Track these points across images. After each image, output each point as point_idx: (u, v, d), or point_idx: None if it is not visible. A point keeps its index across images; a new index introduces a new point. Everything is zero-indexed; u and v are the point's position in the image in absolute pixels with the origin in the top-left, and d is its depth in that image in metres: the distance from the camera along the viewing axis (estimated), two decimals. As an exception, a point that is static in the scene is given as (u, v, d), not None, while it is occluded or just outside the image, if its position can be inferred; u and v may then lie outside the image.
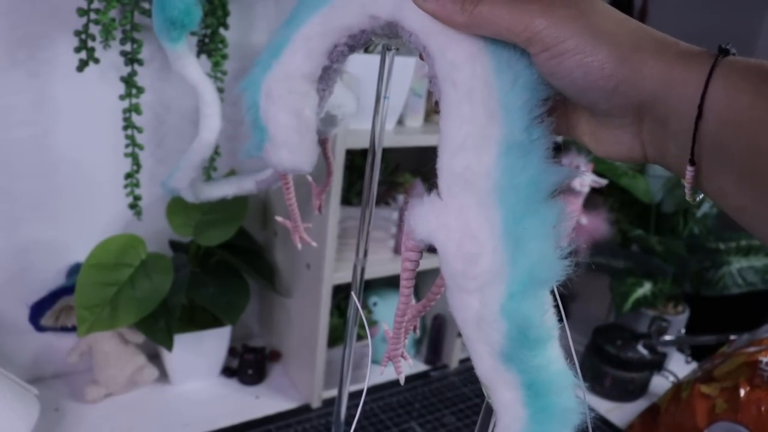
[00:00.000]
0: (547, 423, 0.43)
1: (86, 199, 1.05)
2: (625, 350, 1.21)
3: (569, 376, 0.44)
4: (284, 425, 1.07)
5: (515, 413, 0.44)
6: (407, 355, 0.60)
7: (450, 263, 0.45)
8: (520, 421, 0.43)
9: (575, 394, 0.44)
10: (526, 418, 0.43)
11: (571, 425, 0.43)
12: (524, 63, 0.42)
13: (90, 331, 0.94)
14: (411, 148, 1.16)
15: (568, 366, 0.45)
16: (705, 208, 1.25)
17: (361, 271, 0.66)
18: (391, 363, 0.60)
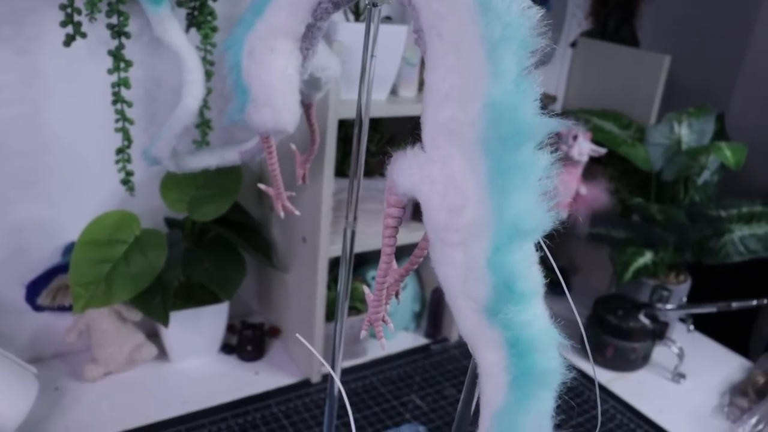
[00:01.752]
0: (529, 386, 0.42)
1: (79, 177, 1.04)
2: (627, 320, 1.20)
3: (554, 334, 0.43)
4: (284, 400, 1.07)
5: (497, 380, 0.43)
6: (389, 319, 0.59)
7: (433, 216, 0.44)
8: (502, 389, 0.43)
9: (559, 354, 0.43)
10: (507, 386, 0.43)
11: (553, 387, 0.43)
12: (513, 14, 0.41)
13: (85, 308, 0.93)
14: (406, 119, 1.14)
15: (552, 325, 0.44)
16: (706, 176, 1.23)
17: (351, 234, 0.65)
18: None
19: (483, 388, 0.44)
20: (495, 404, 0.43)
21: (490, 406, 0.43)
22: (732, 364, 1.31)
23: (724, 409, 1.15)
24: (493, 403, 0.43)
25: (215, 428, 1.00)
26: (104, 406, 1.03)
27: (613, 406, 1.15)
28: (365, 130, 0.63)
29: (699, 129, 1.21)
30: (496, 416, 0.42)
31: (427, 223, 0.45)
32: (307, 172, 0.79)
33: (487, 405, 0.43)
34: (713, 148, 1.14)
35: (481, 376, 0.45)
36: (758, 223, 1.25)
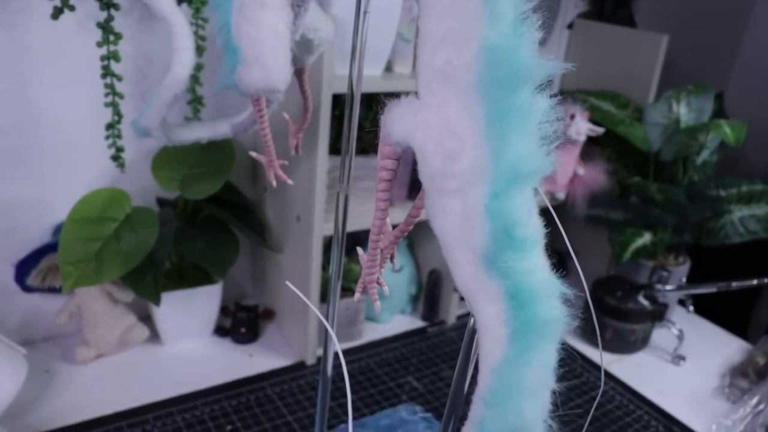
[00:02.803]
0: (530, 337, 0.40)
1: (70, 155, 1.02)
2: (626, 301, 1.19)
3: (556, 284, 0.41)
4: (278, 382, 1.05)
5: (496, 334, 0.41)
6: (383, 281, 0.57)
7: (429, 163, 0.43)
8: (501, 343, 0.41)
9: (561, 305, 0.41)
10: (506, 339, 0.41)
11: (555, 338, 0.41)
12: None
13: (75, 287, 0.91)
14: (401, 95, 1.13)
15: (554, 275, 0.42)
16: (704, 156, 1.22)
17: (345, 199, 0.64)
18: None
19: (481, 344, 0.43)
20: (494, 358, 0.41)
21: (489, 361, 0.41)
22: (732, 346, 1.30)
23: (725, 390, 1.14)
24: (492, 357, 0.41)
25: (208, 409, 0.98)
26: (95, 389, 1.01)
27: (612, 388, 1.13)
28: (358, 94, 0.61)
29: (698, 108, 1.20)
30: (495, 370, 0.40)
31: (422, 172, 0.44)
32: (300, 142, 0.77)
33: (486, 360, 0.42)
34: (712, 126, 1.13)
35: (480, 331, 0.43)
36: (758, 203, 1.23)
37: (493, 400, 0.40)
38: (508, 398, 0.39)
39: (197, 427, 0.95)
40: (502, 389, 0.40)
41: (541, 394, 0.40)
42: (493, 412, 0.40)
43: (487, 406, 0.40)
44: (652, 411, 1.09)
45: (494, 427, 0.40)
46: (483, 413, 0.40)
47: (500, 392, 0.40)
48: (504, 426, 0.39)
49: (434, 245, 1.25)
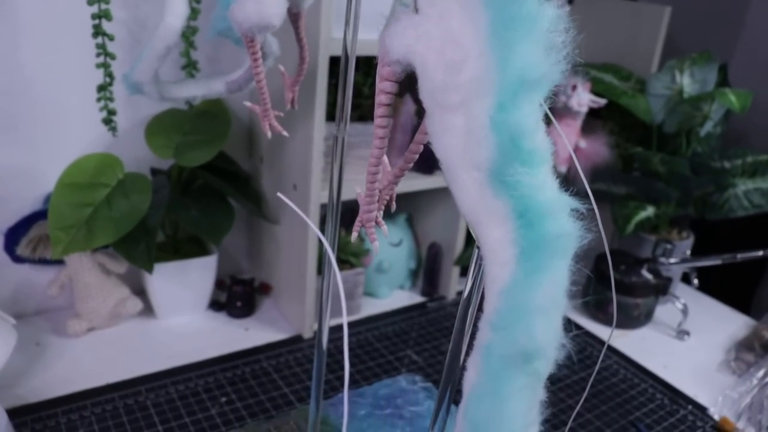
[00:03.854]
0: (540, 255, 0.38)
1: (61, 122, 1.00)
2: (629, 275, 1.17)
3: (566, 200, 0.39)
4: (274, 355, 1.03)
5: (502, 257, 0.39)
6: (382, 221, 0.55)
7: (430, 76, 0.41)
8: (508, 266, 0.38)
9: (573, 220, 0.39)
10: (514, 260, 0.38)
11: (567, 254, 0.38)
12: None
13: (65, 253, 0.89)
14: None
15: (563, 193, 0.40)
16: (708, 127, 1.19)
17: (342, 141, 0.61)
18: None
19: (487, 269, 0.40)
20: (501, 281, 0.38)
21: (496, 285, 0.39)
22: (736, 322, 1.28)
23: (731, 364, 1.12)
24: (499, 280, 0.38)
25: (202, 381, 0.96)
26: (87, 361, 0.98)
27: (616, 362, 1.11)
28: (356, 32, 0.59)
29: (701, 78, 1.17)
30: (503, 293, 0.38)
31: (423, 88, 0.41)
32: (296, 95, 0.75)
33: (492, 285, 0.39)
34: (717, 94, 1.11)
35: (485, 258, 0.40)
36: (762, 176, 1.21)
37: (500, 323, 0.37)
38: (517, 320, 0.37)
39: (191, 399, 0.92)
40: (510, 311, 0.37)
41: (553, 315, 0.37)
42: (500, 336, 0.37)
43: (495, 330, 0.38)
44: (657, 384, 1.06)
45: (502, 350, 0.37)
46: (490, 338, 0.38)
47: (508, 314, 0.37)
48: (513, 349, 0.37)
49: (434, 218, 1.23)
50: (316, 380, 0.75)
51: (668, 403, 1.02)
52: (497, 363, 0.37)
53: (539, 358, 0.37)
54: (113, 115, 0.93)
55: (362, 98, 1.05)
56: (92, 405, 0.89)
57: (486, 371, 0.38)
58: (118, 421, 0.87)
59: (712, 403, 1.03)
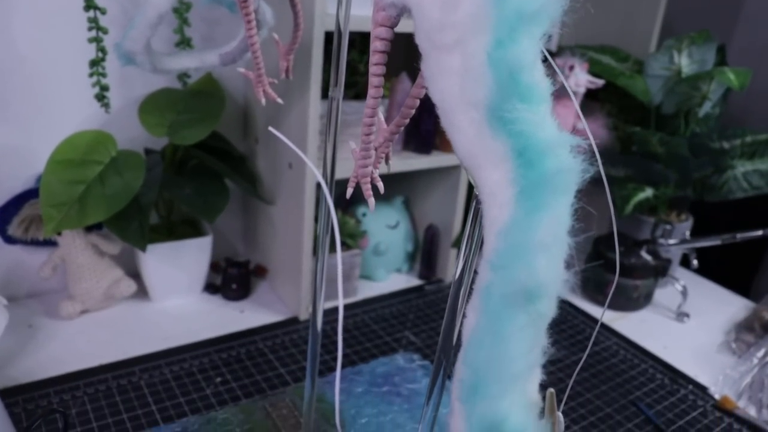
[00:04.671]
0: (541, 193, 0.36)
1: (53, 100, 0.99)
2: (628, 256, 1.16)
3: (567, 137, 0.38)
4: (270, 336, 1.02)
5: (501, 198, 0.37)
6: (378, 177, 0.54)
7: (426, 16, 0.39)
8: (507, 206, 0.37)
9: (574, 156, 0.38)
10: (513, 200, 0.37)
11: (569, 190, 0.37)
12: None
13: (57, 230, 0.88)
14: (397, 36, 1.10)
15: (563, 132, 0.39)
16: (707, 108, 1.18)
17: (337, 105, 0.60)
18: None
19: (486, 213, 0.39)
20: (500, 222, 0.37)
21: (495, 226, 0.37)
22: (736, 305, 1.27)
23: (731, 345, 1.11)
24: (499, 221, 0.37)
25: (197, 362, 0.95)
26: (80, 342, 0.97)
27: (615, 343, 1.10)
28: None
29: (700, 59, 1.17)
30: (502, 232, 0.37)
31: (419, 30, 0.40)
32: (291, 64, 0.74)
33: (491, 226, 0.38)
34: (716, 72, 1.10)
35: (484, 202, 0.39)
36: (761, 158, 1.21)
37: (500, 262, 0.36)
38: (517, 258, 0.36)
39: (185, 379, 0.91)
40: (509, 250, 0.36)
41: (555, 251, 0.36)
42: (500, 275, 0.36)
43: (494, 270, 0.37)
44: (657, 365, 1.05)
45: (503, 290, 0.36)
46: (489, 278, 0.37)
47: (508, 253, 0.36)
48: (514, 287, 0.35)
49: (431, 200, 1.22)
50: (311, 358, 0.74)
51: (668, 383, 1.01)
52: (497, 303, 0.36)
53: (541, 297, 0.36)
54: (106, 91, 0.92)
55: (358, 75, 1.04)
56: (85, 385, 0.88)
57: (486, 312, 0.37)
58: (111, 401, 0.86)
59: (713, 382, 1.02)
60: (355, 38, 1.07)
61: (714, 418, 0.94)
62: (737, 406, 0.96)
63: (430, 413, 0.55)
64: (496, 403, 0.36)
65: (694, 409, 0.96)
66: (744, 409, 0.96)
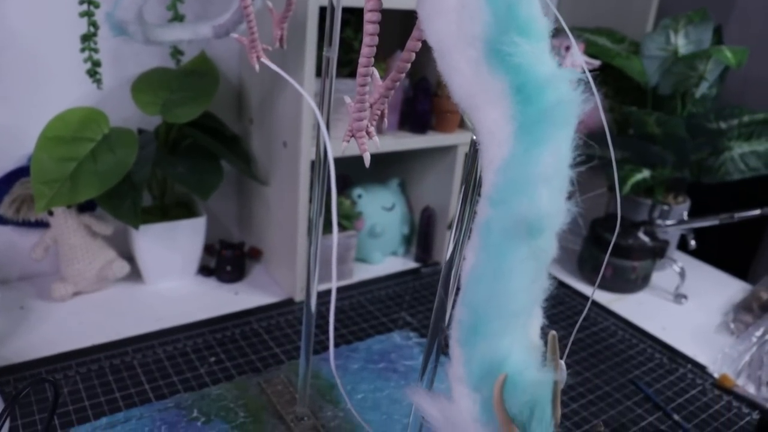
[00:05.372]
0: (540, 127, 0.36)
1: (45, 78, 0.97)
2: (626, 237, 1.15)
3: (567, 73, 0.37)
4: (265, 317, 1.01)
5: (500, 136, 0.37)
6: (373, 131, 0.53)
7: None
8: (506, 143, 0.36)
9: (573, 89, 0.37)
10: (512, 136, 0.36)
11: (569, 122, 0.36)
12: None
13: (49, 207, 0.87)
14: (392, 13, 1.09)
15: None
16: (704, 88, 1.18)
17: (334, 65, 0.59)
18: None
19: (485, 153, 0.38)
20: (500, 159, 0.36)
21: (494, 164, 0.37)
22: (734, 287, 1.27)
23: (729, 325, 1.10)
24: (498, 159, 0.36)
25: (191, 342, 0.93)
26: (72, 323, 0.96)
27: (613, 323, 1.09)
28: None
29: (696, 39, 1.16)
30: (501, 169, 0.36)
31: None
32: (285, 33, 0.73)
33: (490, 164, 0.37)
34: (713, 50, 1.09)
35: (482, 143, 0.38)
36: (758, 139, 1.20)
37: (499, 197, 0.35)
38: (517, 191, 0.34)
39: (179, 359, 0.90)
40: (509, 184, 0.35)
41: (557, 182, 0.34)
42: (500, 210, 0.35)
43: (493, 205, 0.36)
44: (655, 345, 1.05)
45: (502, 225, 0.35)
46: (488, 214, 0.36)
47: (508, 187, 0.35)
48: (514, 220, 0.34)
49: (427, 183, 1.21)
50: (306, 333, 0.73)
51: (667, 363, 1.00)
52: (497, 237, 0.35)
53: (542, 231, 0.34)
54: (98, 66, 0.91)
55: (353, 53, 1.03)
56: (77, 365, 0.87)
57: (485, 248, 0.36)
58: (103, 380, 0.84)
59: (711, 361, 1.01)
60: (350, 18, 1.06)
61: (713, 396, 0.94)
62: (736, 384, 0.95)
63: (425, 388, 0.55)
64: (497, 341, 0.35)
65: (693, 388, 0.95)
66: (743, 387, 0.95)
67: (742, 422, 0.89)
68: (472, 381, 0.37)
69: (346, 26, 1.02)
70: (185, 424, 0.74)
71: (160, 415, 0.75)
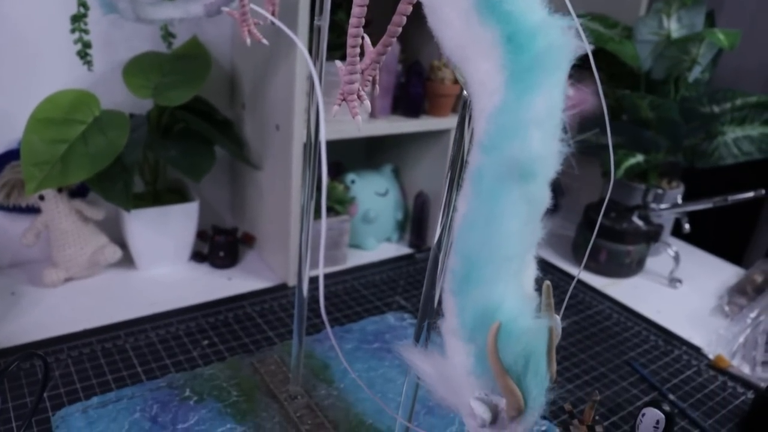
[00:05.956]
0: (532, 74, 0.35)
1: (35, 62, 0.97)
2: (620, 222, 1.15)
3: (558, 20, 0.37)
4: (259, 301, 1.00)
5: (491, 86, 0.36)
6: (364, 95, 0.53)
7: None
8: (498, 92, 0.36)
9: (565, 35, 0.36)
10: (504, 84, 0.36)
11: (562, 67, 0.36)
12: None
13: (39, 189, 0.86)
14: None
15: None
16: (696, 73, 1.18)
17: (325, 33, 0.59)
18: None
19: (476, 104, 0.38)
20: (491, 107, 0.36)
21: (485, 112, 0.36)
22: (728, 272, 1.27)
23: (724, 308, 1.10)
24: (489, 107, 0.36)
25: (183, 326, 0.93)
26: (64, 309, 0.95)
27: (608, 307, 1.09)
28: None
29: (689, 23, 1.16)
30: (492, 116, 0.35)
31: None
32: (276, 8, 0.72)
33: (482, 114, 0.37)
34: (706, 33, 1.09)
35: (473, 95, 0.38)
36: (751, 124, 1.20)
37: (491, 143, 0.35)
38: (510, 136, 0.34)
39: (172, 342, 0.89)
40: (500, 130, 0.35)
41: (549, 126, 0.34)
42: (492, 156, 0.35)
43: (485, 152, 0.35)
44: (650, 327, 1.04)
45: (494, 170, 0.34)
46: (481, 161, 0.35)
47: (500, 133, 0.35)
48: (507, 164, 0.34)
49: (420, 168, 1.21)
50: (298, 314, 0.73)
51: (662, 344, 1.00)
52: (489, 182, 0.35)
53: (535, 175, 0.34)
54: (88, 48, 0.90)
55: (345, 36, 1.03)
56: (69, 348, 0.86)
57: (477, 195, 0.35)
58: (95, 363, 0.84)
59: (706, 343, 1.01)
60: (342, 0, 1.06)
61: (708, 377, 0.93)
62: (731, 365, 0.95)
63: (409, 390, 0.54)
64: (490, 288, 0.35)
65: (689, 368, 0.95)
66: (738, 367, 0.95)
67: (737, 401, 0.89)
68: (465, 332, 0.37)
69: (338, 9, 1.02)
70: (177, 403, 0.73)
71: (151, 395, 0.74)
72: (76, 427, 0.68)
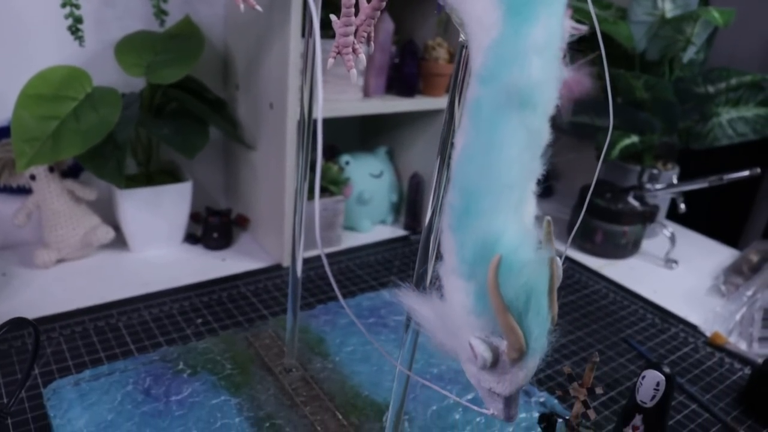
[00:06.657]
0: (529, 5, 0.34)
1: (27, 40, 0.95)
2: (616, 202, 1.15)
3: None
4: (253, 281, 0.99)
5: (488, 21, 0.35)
6: (359, 49, 0.52)
7: None
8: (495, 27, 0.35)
9: None
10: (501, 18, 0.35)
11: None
12: None
13: (30, 164, 0.85)
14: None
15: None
16: (691, 53, 1.18)
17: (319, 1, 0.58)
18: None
19: (473, 42, 0.37)
20: (488, 40, 0.35)
21: (483, 46, 0.35)
22: (724, 253, 1.27)
23: (720, 287, 1.10)
24: (487, 41, 0.35)
25: (177, 305, 0.92)
26: (56, 289, 0.94)
27: (605, 287, 1.09)
28: None
29: (683, 3, 1.16)
30: (490, 48, 0.35)
31: None
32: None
33: (479, 48, 0.36)
34: (701, 11, 1.09)
35: (471, 33, 0.37)
36: (746, 105, 1.20)
37: (488, 73, 0.34)
38: (507, 65, 0.33)
39: (165, 321, 0.88)
40: (499, 60, 0.34)
41: (548, 54, 0.33)
42: (490, 86, 0.34)
43: (483, 83, 0.34)
44: (647, 306, 1.04)
45: (493, 99, 0.34)
46: (478, 92, 0.35)
47: (497, 63, 0.34)
48: (506, 92, 0.33)
49: (414, 149, 1.20)
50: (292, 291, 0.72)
51: (659, 322, 1.00)
52: (488, 112, 0.34)
53: (535, 105, 0.33)
54: (79, 23, 0.89)
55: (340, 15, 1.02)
56: (61, 327, 0.85)
57: (476, 126, 0.35)
58: (87, 341, 0.82)
59: (703, 321, 1.01)
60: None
61: (705, 353, 0.93)
62: (728, 341, 0.95)
63: (410, 340, 0.53)
64: (489, 219, 0.34)
65: (686, 345, 0.94)
66: (734, 344, 0.95)
67: (735, 377, 0.88)
68: (465, 268, 0.36)
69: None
70: (171, 376, 0.72)
71: (145, 368, 0.73)
72: (67, 400, 0.67)
